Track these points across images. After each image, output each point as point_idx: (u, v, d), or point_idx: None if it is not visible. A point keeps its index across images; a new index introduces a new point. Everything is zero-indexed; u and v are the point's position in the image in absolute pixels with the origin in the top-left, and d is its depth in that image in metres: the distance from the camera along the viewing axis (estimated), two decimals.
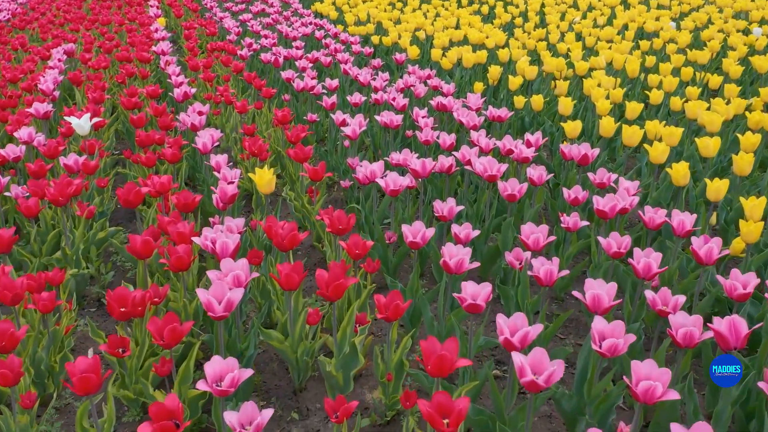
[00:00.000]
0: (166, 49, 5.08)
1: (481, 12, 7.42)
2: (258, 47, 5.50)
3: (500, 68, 4.04)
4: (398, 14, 6.98)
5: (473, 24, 6.17)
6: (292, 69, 4.97)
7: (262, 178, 2.33)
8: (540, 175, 2.54)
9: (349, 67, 4.48)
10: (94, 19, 6.99)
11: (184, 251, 2.02)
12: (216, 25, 6.63)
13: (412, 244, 2.03)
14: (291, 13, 7.07)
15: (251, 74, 4.36)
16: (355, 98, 3.75)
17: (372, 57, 5.64)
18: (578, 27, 5.91)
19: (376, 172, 2.56)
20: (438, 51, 4.57)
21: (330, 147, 3.66)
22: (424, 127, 3.23)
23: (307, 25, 6.44)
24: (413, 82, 4.06)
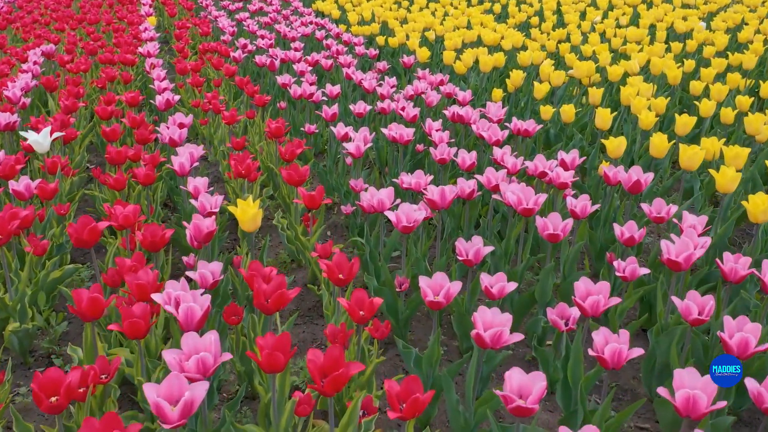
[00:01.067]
0: (152, 50, 4.65)
1: (493, 11, 6.97)
2: (253, 48, 5.06)
3: (523, 73, 3.59)
4: (405, 13, 6.53)
5: (486, 24, 5.72)
6: (290, 73, 4.53)
7: (245, 214, 1.89)
8: (584, 207, 2.10)
9: (352, 71, 4.04)
10: (81, 18, 6.56)
11: (141, 313, 1.58)
12: (210, 25, 6.20)
13: (432, 305, 1.59)
14: (290, 12, 6.63)
15: (244, 79, 3.93)
16: (359, 107, 3.31)
17: (377, 59, 5.20)
18: (600, 27, 5.46)
19: (384, 202, 2.12)
20: (451, 53, 4.12)
21: (330, 163, 3.22)
22: (439, 142, 2.79)
23: (307, 24, 6.00)
24: (424, 89, 3.62)
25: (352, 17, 6.02)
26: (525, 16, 6.17)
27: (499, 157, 2.63)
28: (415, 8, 6.88)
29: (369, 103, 3.84)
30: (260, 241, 2.88)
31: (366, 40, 5.89)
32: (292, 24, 6.03)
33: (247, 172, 2.62)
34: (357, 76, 3.93)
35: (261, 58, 4.40)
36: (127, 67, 4.57)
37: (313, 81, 4.04)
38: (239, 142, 3.07)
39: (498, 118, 3.10)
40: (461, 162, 2.57)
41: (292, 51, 4.55)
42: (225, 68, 4.28)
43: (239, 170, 2.60)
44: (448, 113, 3.18)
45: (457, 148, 2.68)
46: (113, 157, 2.76)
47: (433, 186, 2.12)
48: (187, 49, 5.07)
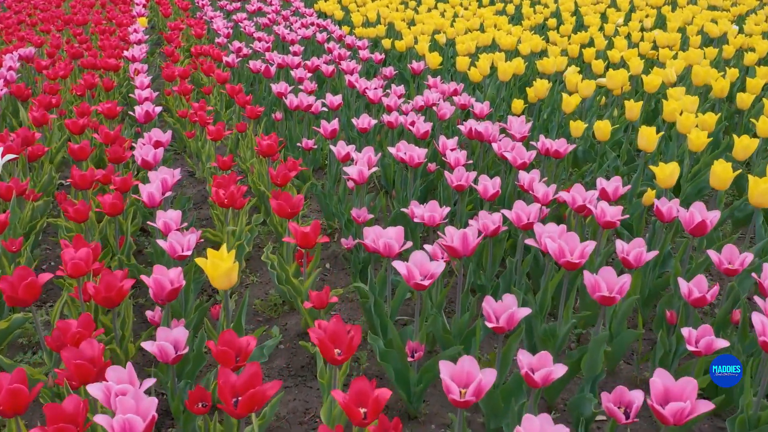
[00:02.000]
0: (138, 54, 4.26)
1: (506, 12, 6.57)
2: (249, 52, 4.67)
3: (548, 83, 3.19)
4: (412, 14, 6.14)
5: (500, 26, 5.33)
6: (288, 80, 4.15)
7: (216, 269, 1.50)
8: (638, 255, 1.70)
9: (355, 79, 3.65)
10: (69, 18, 6.19)
11: (73, 410, 1.19)
12: (204, 26, 5.82)
13: (458, 403, 1.20)
14: (291, 13, 6.24)
15: (235, 87, 3.54)
16: (363, 122, 2.92)
17: (383, 64, 4.81)
18: (624, 30, 5.06)
19: (392, 246, 1.73)
20: (464, 60, 3.72)
21: (330, 185, 2.83)
22: (455, 165, 2.40)
23: (308, 26, 5.61)
24: (435, 99, 3.22)
25: (356, 18, 5.63)
26: (542, 18, 5.77)
27: (526, 183, 2.24)
28: (423, 9, 6.49)
29: (374, 115, 3.46)
30: (248, 278, 2.50)
31: (371, 43, 5.50)
32: (292, 25, 5.65)
33: (231, 201, 2.23)
34: (361, 84, 3.54)
35: (256, 63, 4.02)
36: (110, 72, 4.19)
37: (312, 89, 3.65)
38: (226, 162, 2.69)
39: (522, 135, 2.70)
40: (483, 190, 2.18)
41: (290, 56, 4.16)
42: (216, 74, 3.89)
43: (221, 199, 2.22)
44: (464, 129, 2.78)
45: (476, 173, 2.29)
46: (77, 181, 2.38)
47: (451, 229, 1.72)
48: (177, 53, 4.69)
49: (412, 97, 4.05)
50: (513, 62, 3.57)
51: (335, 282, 2.47)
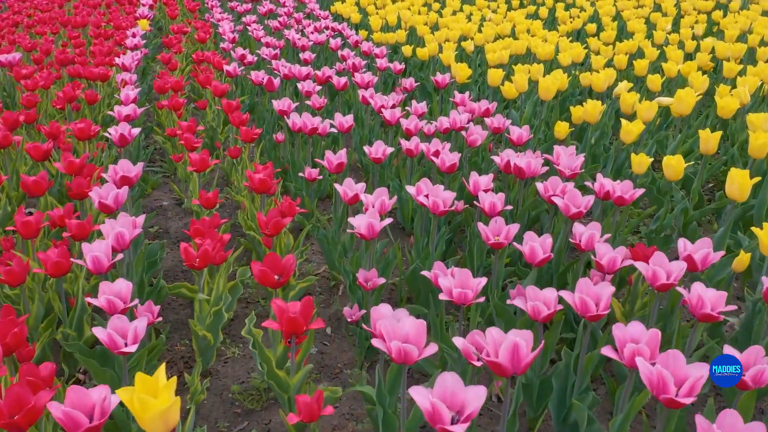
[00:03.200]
0: (129, 62, 3.81)
1: (538, 15, 6.03)
2: (254, 60, 4.20)
3: (601, 105, 2.66)
4: (435, 18, 5.63)
5: (534, 31, 4.80)
6: (295, 95, 3.67)
7: (146, 410, 1.00)
8: (760, 374, 1.19)
9: (369, 95, 3.16)
10: (67, 20, 5.78)
11: None
12: (211, 29, 5.37)
13: None
14: (304, 16, 5.76)
15: (232, 103, 3.07)
16: (377, 151, 2.42)
17: (402, 75, 4.31)
18: (674, 37, 4.50)
19: (410, 354, 1.23)
20: (497, 73, 3.20)
21: (335, 228, 2.34)
22: (491, 212, 1.90)
23: (321, 30, 5.13)
24: (464, 122, 2.71)
25: (375, 22, 5.14)
26: (580, 23, 5.22)
27: (583, 241, 1.74)
28: (448, 11, 5.97)
29: (390, 139, 2.96)
30: (227, 349, 2.02)
31: (389, 50, 5.00)
32: (304, 29, 5.17)
33: (205, 260, 1.75)
34: (376, 100, 3.05)
35: (258, 74, 3.54)
36: (98, 83, 3.75)
37: (320, 105, 3.17)
38: (210, 199, 2.22)
39: (573, 171, 2.19)
40: (530, 254, 1.67)
41: (297, 66, 3.68)
42: (213, 86, 3.42)
43: (191, 260, 1.73)
44: (499, 162, 2.27)
45: (517, 226, 1.78)
46: (19, 228, 1.91)
47: (494, 331, 1.21)
48: (176, 60, 4.23)
49: (435, 114, 3.55)
50: (555, 76, 3.04)
51: (337, 356, 1.98)
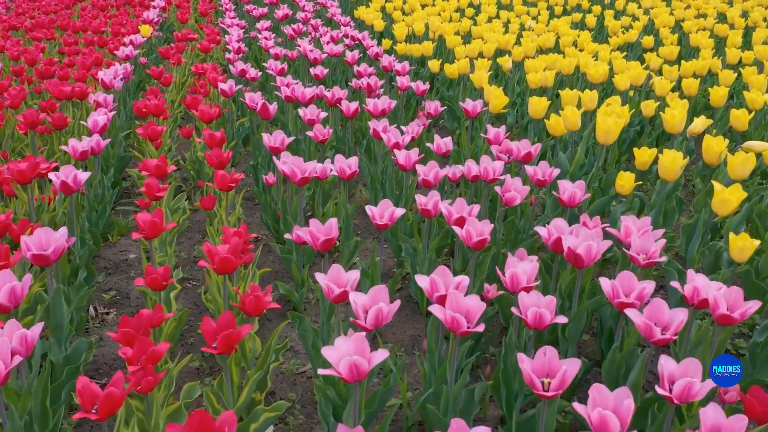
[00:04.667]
0: (108, 78, 3.29)
1: (585, 24, 5.38)
2: (257, 75, 3.65)
3: (681, 157, 2.02)
4: (469, 25, 5.03)
5: (582, 44, 4.15)
6: (296, 123, 3.11)
7: None
8: None
9: (383, 128, 2.57)
10: (65, 24, 5.32)
11: None
12: (219, 37, 4.85)
13: None
14: (322, 22, 5.19)
15: (215, 135, 2.51)
16: (383, 214, 1.83)
17: (426, 96, 3.72)
18: (747, 55, 3.82)
19: None
20: (540, 103, 2.59)
21: (321, 324, 1.76)
22: (536, 324, 1.30)
23: (339, 40, 4.56)
24: (497, 171, 2.11)
25: (399, 31, 4.56)
26: (635, 36, 4.55)
27: (676, 392, 1.14)
28: (483, 18, 5.35)
29: (406, 189, 2.37)
30: None
31: (415, 64, 4.41)
32: (321, 38, 4.61)
33: (107, 407, 1.19)
34: (390, 136, 2.46)
35: (253, 96, 2.98)
36: (72, 103, 3.24)
37: (325, 136, 2.61)
38: (156, 280, 1.66)
39: (650, 257, 1.58)
40: (598, 425, 1.07)
41: (299, 87, 3.11)
42: (200, 110, 2.88)
43: (86, 406, 1.17)
44: (546, 237, 1.67)
45: (577, 364, 1.18)
46: None
47: None
48: (168, 75, 3.71)
49: (464, 146, 2.94)
50: (619, 114, 2.41)
51: None
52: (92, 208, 2.45)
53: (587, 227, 1.83)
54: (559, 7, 6.20)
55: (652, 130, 3.16)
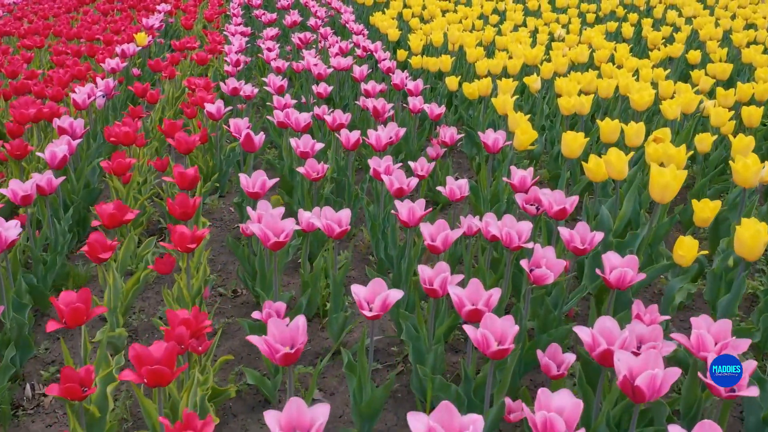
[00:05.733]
0: (82, 98, 2.91)
1: (621, 35, 4.90)
2: (253, 93, 3.26)
3: (763, 230, 1.55)
4: (492, 35, 4.58)
5: (620, 59, 3.69)
6: (290, 154, 2.70)
7: None
8: None
9: (384, 168, 2.15)
10: (60, 31, 4.99)
11: None
12: (221, 45, 4.47)
13: None
14: (333, 31, 4.78)
15: (186, 173, 2.11)
16: (375, 299, 1.40)
17: (441, 120, 3.30)
18: None
19: None
20: (575, 140, 2.14)
21: None
22: None
23: (349, 51, 4.15)
24: (524, 235, 1.67)
25: (415, 42, 4.13)
26: (678, 50, 4.07)
27: None
28: (508, 26, 4.90)
29: (411, 253, 1.94)
30: None
31: (431, 80, 3.99)
32: (330, 48, 4.20)
33: None
34: (393, 180, 2.03)
35: (239, 122, 2.58)
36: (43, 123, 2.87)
37: (319, 173, 2.20)
38: (72, 388, 1.26)
39: (738, 386, 1.13)
40: None
41: (294, 113, 2.70)
42: (177, 139, 2.48)
43: None
44: (591, 344, 1.23)
45: None
46: None
47: None
48: (156, 91, 3.32)
49: (482, 187, 2.51)
50: (673, 156, 1.95)
51: None
52: (38, 261, 2.07)
53: (641, 320, 1.40)
54: (591, 14, 5.72)
55: (705, 167, 2.69)
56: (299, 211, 1.89)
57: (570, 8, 5.97)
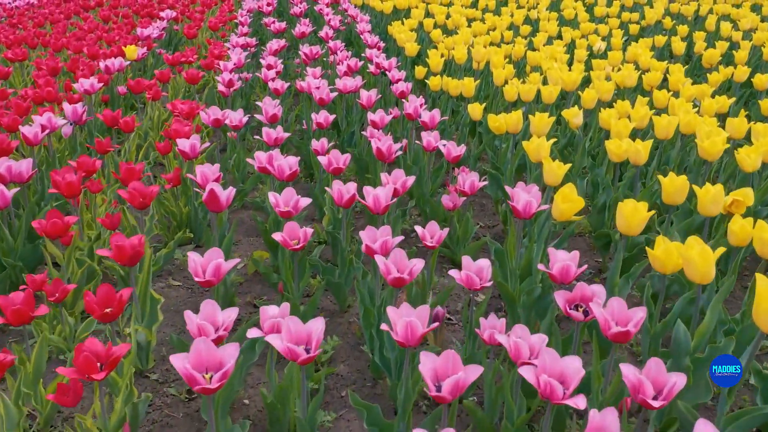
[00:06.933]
0: (33, 133, 2.46)
1: (671, 51, 4.33)
2: (242, 123, 2.78)
3: None
4: (523, 50, 4.05)
5: (674, 85, 3.13)
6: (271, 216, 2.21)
7: None
8: None
9: (381, 244, 1.64)
10: (47, 42, 4.58)
11: None
12: (216, 64, 4.00)
13: None
14: (343, 44, 4.28)
15: (124, 247, 1.62)
16: None
17: (461, 162, 2.80)
18: None
19: None
20: (634, 215, 1.60)
21: None
22: None
23: (358, 70, 3.64)
24: (573, 378, 1.15)
25: (434, 59, 3.61)
26: (744, 74, 3.49)
27: None
28: (541, 39, 4.36)
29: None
30: None
31: (452, 105, 3.47)
32: (339, 65, 3.70)
33: None
34: (390, 266, 1.52)
35: (206, 172, 2.09)
36: None
37: (300, 243, 1.72)
38: None
39: None
40: None
41: (274, 155, 2.20)
42: (131, 191, 2.00)
43: None
44: None
45: None
46: None
47: None
48: (131, 118, 2.86)
49: (510, 256, 1.98)
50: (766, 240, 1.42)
51: None
52: None
53: None
54: (634, 24, 5.14)
55: None
56: (261, 310, 1.40)
57: (610, 17, 5.40)
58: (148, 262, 1.77)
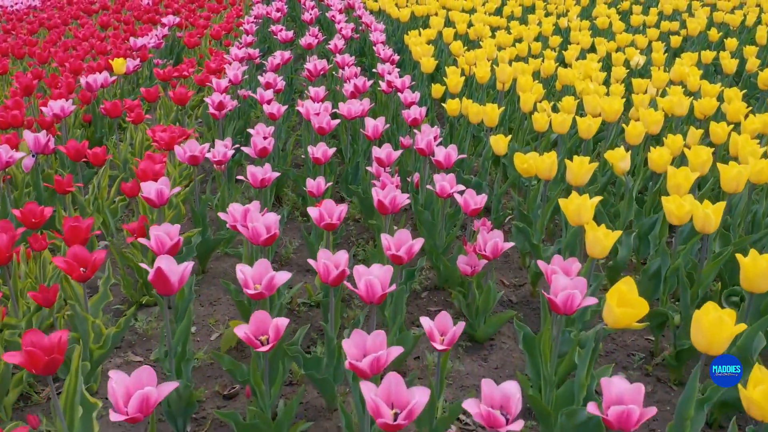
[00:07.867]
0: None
1: (721, 68, 3.86)
2: (225, 158, 2.38)
3: None
4: (554, 67, 3.60)
5: (733, 113, 2.67)
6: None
7: None
8: None
9: (369, 363, 1.22)
10: (33, 52, 4.23)
11: None
12: (210, 80, 3.61)
13: None
14: (353, 59, 3.85)
15: (46, 346, 1.23)
16: None
17: (482, 213, 2.37)
18: None
19: None
20: (719, 326, 1.17)
21: None
22: None
23: (364, 91, 3.22)
24: None
25: (453, 77, 3.17)
26: None
27: None
28: (573, 53, 3.90)
29: None
30: None
31: (473, 130, 3.04)
32: (345, 83, 3.29)
33: None
34: (379, 406, 1.11)
35: (160, 234, 1.68)
36: None
37: (268, 342, 1.31)
38: None
39: None
40: None
41: (260, 220, 1.79)
42: (67, 260, 1.61)
43: None
44: None
45: None
46: None
47: None
48: (101, 149, 2.47)
49: (544, 356, 1.55)
50: None
51: None
52: None
53: None
54: (676, 36, 4.65)
55: None
56: None
57: (649, 27, 4.91)
58: (76, 365, 1.37)
